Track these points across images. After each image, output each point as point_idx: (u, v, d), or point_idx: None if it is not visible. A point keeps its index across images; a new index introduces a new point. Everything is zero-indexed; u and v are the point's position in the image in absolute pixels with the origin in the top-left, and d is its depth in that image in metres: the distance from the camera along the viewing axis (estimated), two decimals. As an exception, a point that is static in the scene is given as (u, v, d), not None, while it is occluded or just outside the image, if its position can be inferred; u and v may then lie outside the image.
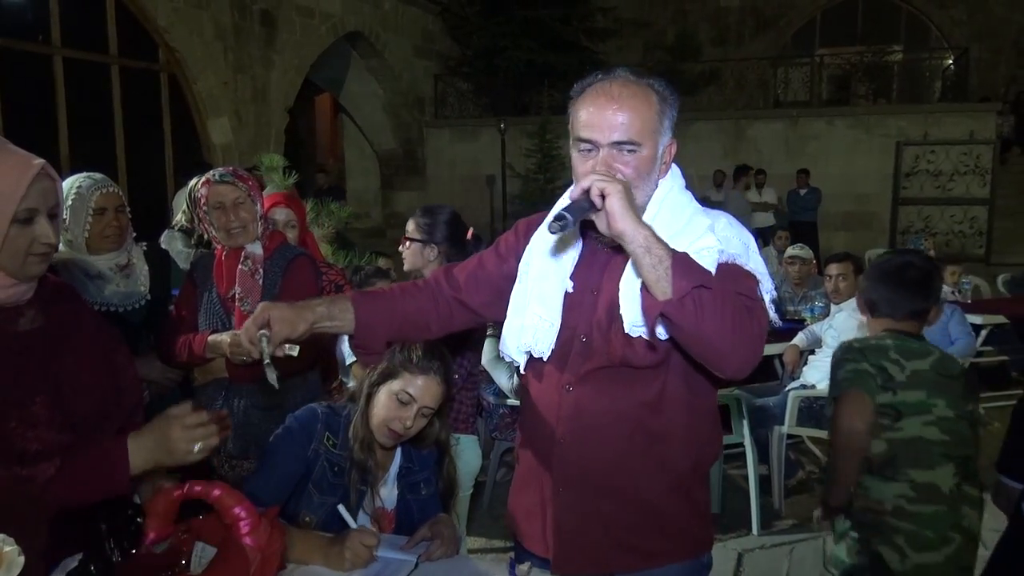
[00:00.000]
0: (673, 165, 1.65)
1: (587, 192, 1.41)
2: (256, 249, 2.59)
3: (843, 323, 4.48)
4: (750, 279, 1.53)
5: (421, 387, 2.03)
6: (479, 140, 15.05)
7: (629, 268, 1.51)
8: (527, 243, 1.74)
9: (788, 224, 10.59)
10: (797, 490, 4.61)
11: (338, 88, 14.85)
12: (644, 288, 1.42)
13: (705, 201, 1.60)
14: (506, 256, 1.78)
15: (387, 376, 2.06)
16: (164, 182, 10.12)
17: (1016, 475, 2.03)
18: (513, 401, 4.16)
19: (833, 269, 4.70)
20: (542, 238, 1.69)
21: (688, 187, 1.68)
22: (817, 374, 4.48)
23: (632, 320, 1.50)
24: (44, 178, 1.47)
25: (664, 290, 1.37)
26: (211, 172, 2.60)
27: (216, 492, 1.51)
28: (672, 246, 1.42)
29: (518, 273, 1.73)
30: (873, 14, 16.78)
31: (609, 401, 1.60)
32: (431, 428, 2.13)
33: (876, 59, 15.69)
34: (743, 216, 10.28)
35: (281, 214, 3.12)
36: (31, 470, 1.42)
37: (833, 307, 4.73)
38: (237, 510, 1.50)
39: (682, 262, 1.39)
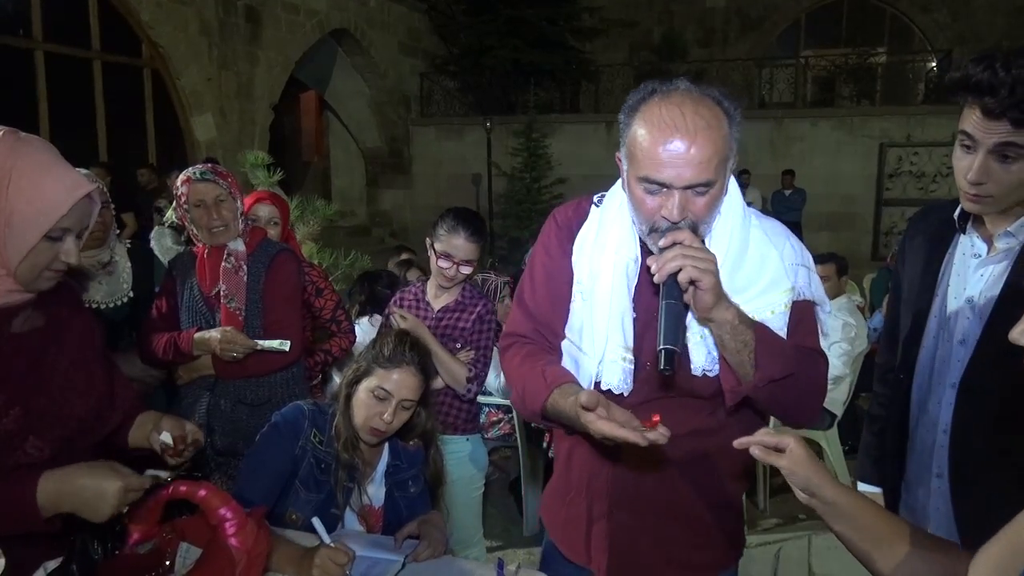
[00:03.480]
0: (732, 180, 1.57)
1: (674, 275, 1.32)
2: (238, 246, 2.58)
3: (827, 323, 4.50)
4: (813, 313, 1.54)
5: (396, 381, 2.02)
6: (465, 138, 15.02)
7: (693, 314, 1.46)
8: (571, 245, 1.62)
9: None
10: (782, 489, 4.62)
11: (324, 85, 14.78)
12: (724, 360, 1.42)
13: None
14: (570, 271, 1.62)
15: (362, 375, 2.05)
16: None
17: (872, 480, 2.03)
18: (498, 400, 4.15)
19: (816, 271, 4.72)
20: (594, 256, 1.56)
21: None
22: None
23: (702, 365, 1.48)
24: (87, 200, 1.46)
25: (747, 372, 1.39)
26: (190, 169, 2.58)
27: (202, 492, 1.49)
28: (749, 294, 1.44)
29: (573, 292, 1.60)
30: (857, 16, 16.87)
31: (673, 427, 1.50)
32: (417, 419, 2.12)
33: (860, 61, 15.77)
34: None
35: (264, 210, 3.10)
36: None
37: None
38: (223, 511, 1.48)
39: (765, 345, 1.39)
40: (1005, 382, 1.59)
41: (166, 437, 1.63)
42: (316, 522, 1.78)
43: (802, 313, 1.52)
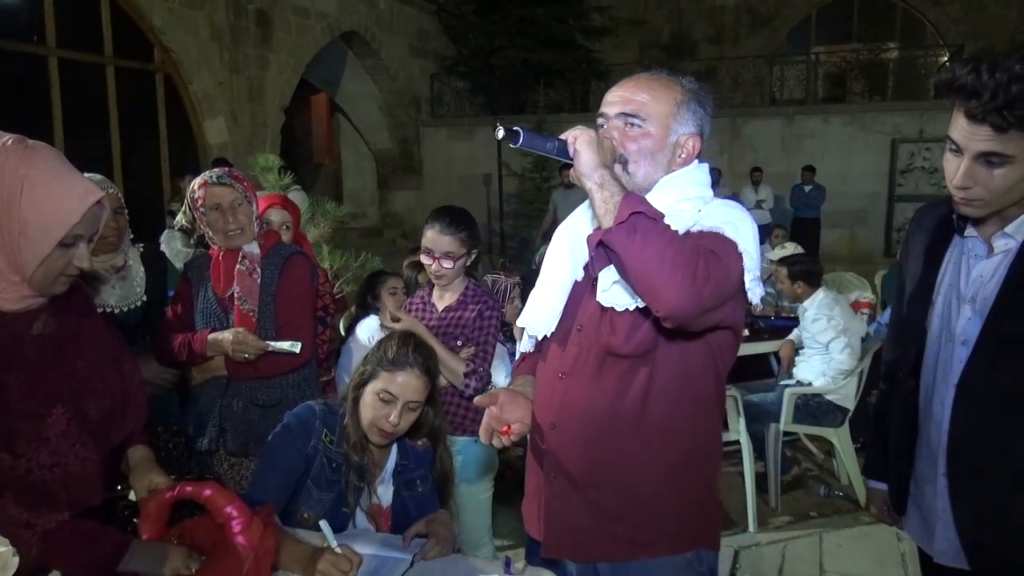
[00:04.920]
0: (703, 165, 1.64)
1: (566, 143, 1.47)
2: (253, 249, 2.60)
3: (812, 322, 4.44)
4: (726, 244, 1.48)
5: (401, 384, 2.03)
6: (475, 139, 15.03)
7: None
8: None
9: (792, 221, 10.58)
10: (793, 487, 4.62)
11: (334, 88, 14.82)
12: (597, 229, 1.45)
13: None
14: None
15: (368, 378, 2.07)
16: (160, 183, 10.11)
17: (880, 476, 1.99)
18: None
19: (785, 272, 4.63)
20: (566, 229, 1.74)
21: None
22: (807, 373, 4.47)
23: (601, 286, 1.52)
24: (97, 206, 1.49)
25: (608, 222, 1.40)
26: (207, 173, 2.60)
27: (207, 492, 1.51)
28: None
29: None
30: (868, 12, 16.77)
31: (597, 390, 1.61)
32: (425, 418, 2.14)
33: (871, 57, 15.68)
34: None
35: (276, 215, 3.13)
36: (36, 516, 1.43)
37: (799, 308, 4.65)
38: (228, 509, 1.50)
39: (634, 198, 1.41)
40: (1004, 383, 1.58)
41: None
42: (324, 525, 1.79)
43: (704, 235, 1.48)
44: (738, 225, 1.51)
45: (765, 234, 8.74)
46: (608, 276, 1.49)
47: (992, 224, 1.63)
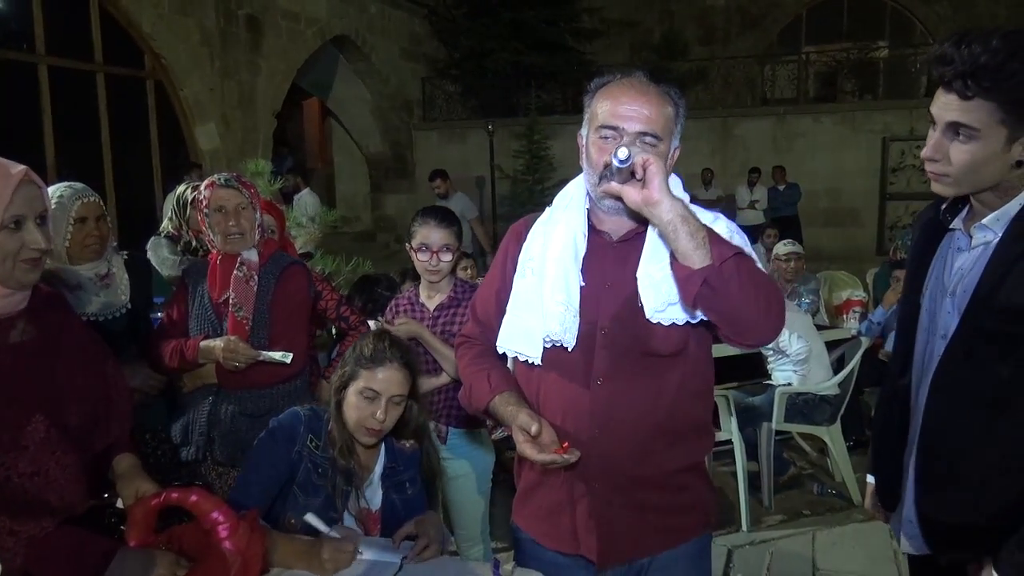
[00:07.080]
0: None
1: (623, 161, 1.42)
2: (252, 256, 2.61)
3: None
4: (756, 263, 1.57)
5: (382, 379, 2.04)
6: (467, 142, 15.03)
7: (645, 257, 1.57)
8: (517, 249, 1.78)
9: (771, 221, 10.64)
10: (786, 486, 4.62)
11: (326, 92, 14.82)
12: (675, 260, 1.45)
13: (695, 200, 1.63)
14: (511, 276, 1.78)
15: (348, 379, 2.08)
16: (151, 189, 10.09)
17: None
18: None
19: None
20: (545, 234, 1.71)
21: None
22: (782, 377, 4.48)
23: (653, 306, 1.55)
24: (28, 184, 1.47)
25: (703, 258, 1.41)
26: (216, 175, 2.62)
27: (193, 498, 1.52)
28: None
29: (519, 267, 1.74)
30: (858, 11, 16.83)
31: (640, 392, 1.64)
32: (409, 414, 2.14)
33: (862, 56, 15.74)
34: None
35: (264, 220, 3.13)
36: (19, 524, 1.43)
37: None
38: (215, 514, 1.51)
39: (715, 233, 1.46)
40: (975, 377, 1.57)
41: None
42: (310, 517, 1.84)
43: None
44: (746, 243, 1.61)
45: (758, 234, 8.76)
46: (661, 297, 1.54)
47: (976, 216, 1.63)
